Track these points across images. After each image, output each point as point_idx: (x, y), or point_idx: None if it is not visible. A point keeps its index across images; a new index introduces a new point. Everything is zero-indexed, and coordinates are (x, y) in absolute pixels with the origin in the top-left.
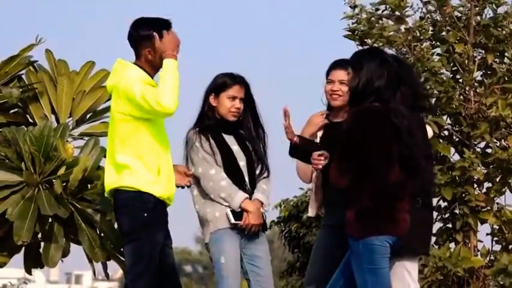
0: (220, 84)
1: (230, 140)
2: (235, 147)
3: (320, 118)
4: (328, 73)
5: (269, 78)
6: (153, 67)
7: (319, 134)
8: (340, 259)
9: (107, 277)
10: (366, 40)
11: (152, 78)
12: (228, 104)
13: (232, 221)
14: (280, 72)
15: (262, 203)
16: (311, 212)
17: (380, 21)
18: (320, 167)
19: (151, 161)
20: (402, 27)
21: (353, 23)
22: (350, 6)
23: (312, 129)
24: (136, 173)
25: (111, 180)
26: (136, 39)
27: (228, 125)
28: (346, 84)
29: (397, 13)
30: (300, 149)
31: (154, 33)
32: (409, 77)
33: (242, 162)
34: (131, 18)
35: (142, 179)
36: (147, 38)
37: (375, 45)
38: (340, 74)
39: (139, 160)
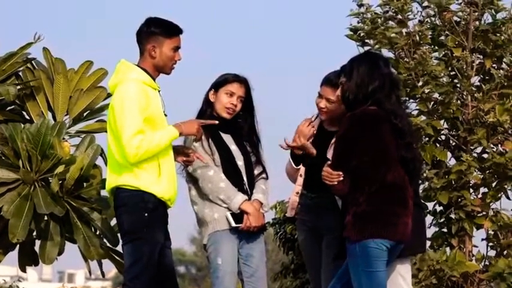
0: (222, 80)
1: (228, 139)
2: (233, 147)
3: (308, 128)
4: (320, 86)
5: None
6: (155, 67)
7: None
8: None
9: (103, 275)
10: (367, 41)
11: (154, 80)
12: (225, 100)
13: (233, 224)
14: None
15: (261, 204)
16: (291, 213)
17: (385, 24)
18: (335, 183)
19: (151, 162)
20: (404, 31)
21: (358, 22)
22: (357, 4)
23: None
24: (137, 173)
25: (113, 179)
26: (143, 34)
27: (225, 123)
28: (333, 101)
29: (399, 16)
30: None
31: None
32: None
33: (240, 162)
34: (134, 18)
35: (143, 179)
36: (154, 34)
37: (376, 46)
38: (328, 92)
39: None
